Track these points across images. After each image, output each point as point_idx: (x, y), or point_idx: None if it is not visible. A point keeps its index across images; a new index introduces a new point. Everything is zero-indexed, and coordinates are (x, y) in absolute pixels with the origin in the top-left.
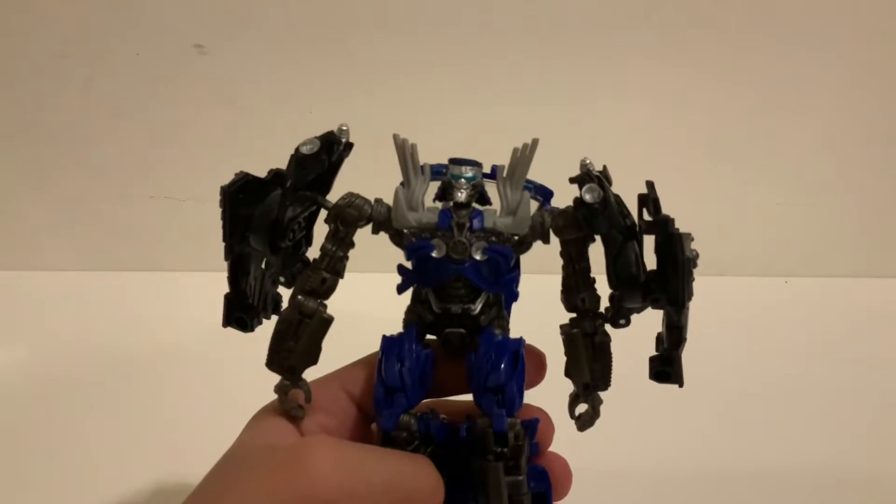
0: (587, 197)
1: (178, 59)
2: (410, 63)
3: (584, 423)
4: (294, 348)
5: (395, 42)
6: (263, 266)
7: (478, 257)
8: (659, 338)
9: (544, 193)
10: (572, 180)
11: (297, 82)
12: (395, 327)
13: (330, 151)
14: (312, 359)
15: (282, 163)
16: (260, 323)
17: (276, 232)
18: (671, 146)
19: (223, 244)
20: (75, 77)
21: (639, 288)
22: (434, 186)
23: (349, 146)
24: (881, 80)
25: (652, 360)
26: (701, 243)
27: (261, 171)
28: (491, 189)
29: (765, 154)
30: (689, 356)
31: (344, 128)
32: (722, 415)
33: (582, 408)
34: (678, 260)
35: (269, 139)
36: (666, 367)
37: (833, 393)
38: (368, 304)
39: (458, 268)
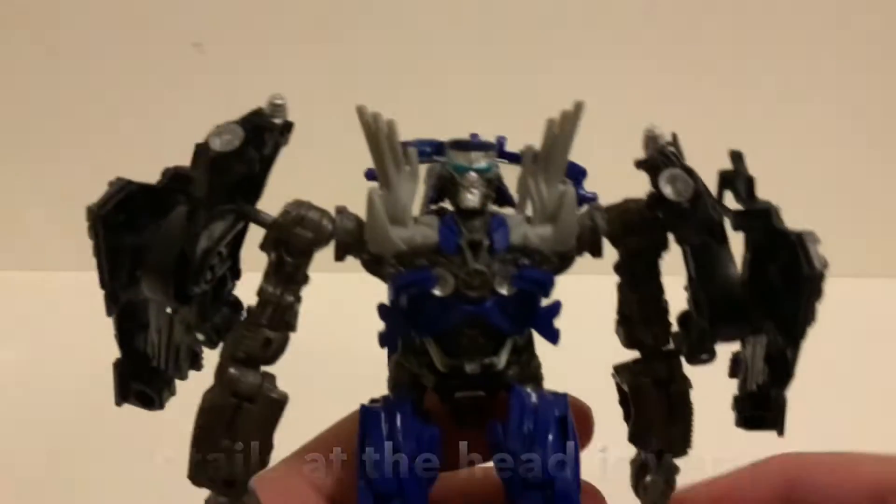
0: (668, 191)
1: (178, 58)
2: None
3: (654, 499)
4: (231, 449)
5: None
6: (169, 310)
7: (504, 292)
8: (736, 364)
9: (574, 172)
10: (641, 164)
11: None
12: None
13: (260, 142)
14: (261, 460)
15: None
16: (172, 393)
17: (183, 272)
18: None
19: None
20: (75, 76)
21: (739, 314)
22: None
23: (287, 128)
24: (881, 78)
25: (739, 400)
26: None
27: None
28: (508, 175)
29: (765, 153)
30: None
31: (278, 101)
32: (725, 413)
33: (653, 482)
34: (801, 275)
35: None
36: (761, 410)
37: (832, 393)
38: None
39: (475, 309)
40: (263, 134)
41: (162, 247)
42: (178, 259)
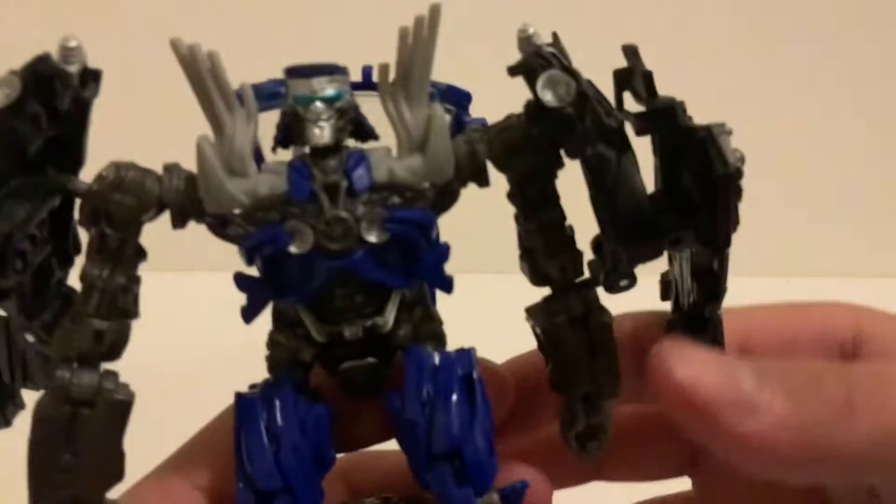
0: (548, 97)
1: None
2: None
3: (591, 449)
4: (75, 465)
5: None
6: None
7: (373, 239)
8: (666, 287)
9: (457, 98)
10: (514, 69)
11: None
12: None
13: (48, 94)
14: (113, 471)
15: None
16: (20, 407)
17: None
18: None
19: None
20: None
21: (650, 229)
22: (269, 123)
23: (93, 78)
24: (881, 76)
25: (673, 325)
26: None
27: None
28: (369, 105)
29: (764, 152)
30: None
31: (71, 43)
32: None
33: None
34: (715, 174)
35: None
36: (699, 332)
37: None
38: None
39: (342, 264)
40: (52, 84)
41: None
42: None
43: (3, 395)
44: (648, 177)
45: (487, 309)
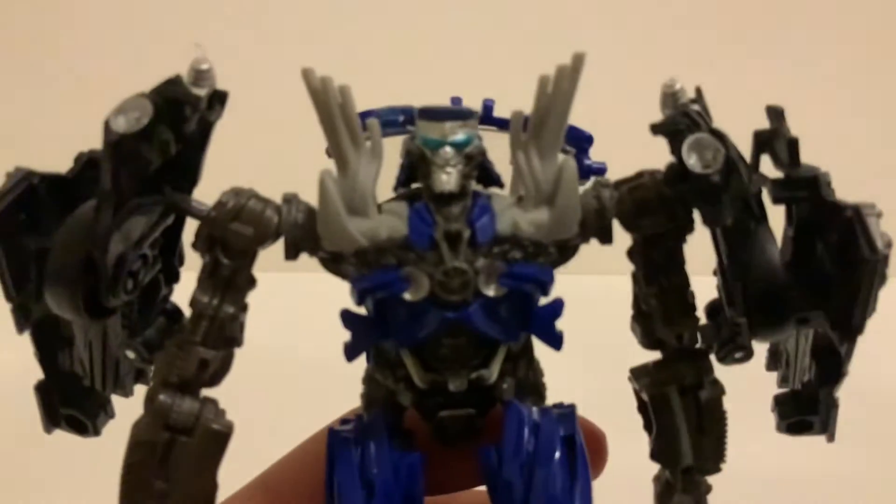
0: (693, 161)
1: (177, 58)
2: None
3: None
4: (166, 492)
5: None
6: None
7: (491, 293)
8: (775, 357)
9: (577, 140)
10: (658, 128)
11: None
12: None
13: (177, 119)
14: (205, 502)
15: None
16: (110, 416)
17: (93, 280)
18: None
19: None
20: (73, 75)
21: (781, 306)
22: (392, 160)
23: (219, 100)
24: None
25: (781, 401)
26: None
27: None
28: (494, 144)
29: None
30: None
31: (202, 66)
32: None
33: (679, 502)
34: (859, 256)
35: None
36: (810, 413)
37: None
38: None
39: (455, 316)
40: (182, 108)
41: (64, 251)
42: (84, 265)
43: (96, 404)
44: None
45: None
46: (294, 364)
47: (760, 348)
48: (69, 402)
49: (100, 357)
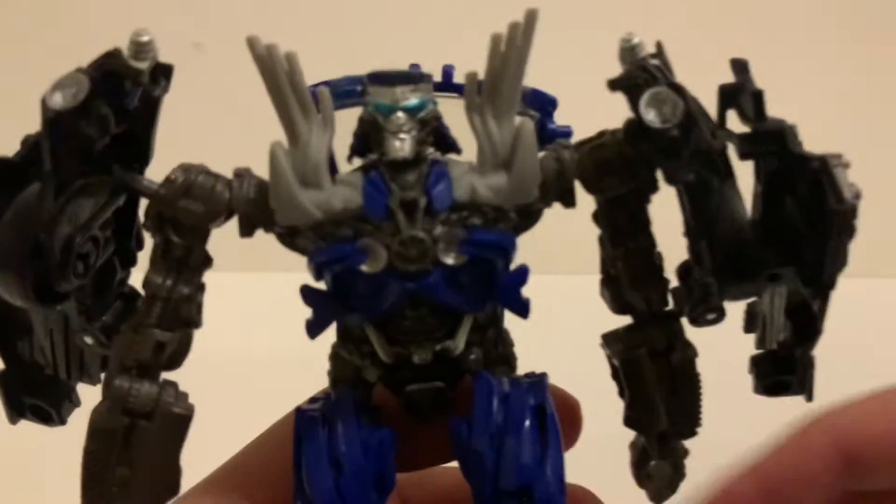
0: (652, 116)
1: (178, 58)
2: None
3: (661, 490)
4: (128, 478)
5: None
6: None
7: (450, 262)
8: (752, 318)
9: (541, 102)
10: (615, 83)
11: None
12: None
13: (116, 94)
14: (168, 486)
15: None
16: (76, 404)
17: (42, 265)
18: None
19: None
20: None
21: (750, 263)
22: (346, 130)
23: (164, 74)
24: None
25: (758, 361)
26: None
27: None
28: (451, 111)
29: None
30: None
31: (142, 38)
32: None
33: (657, 468)
34: (828, 208)
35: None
36: (787, 373)
37: (833, 394)
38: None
39: (415, 286)
40: (121, 82)
41: (9, 235)
42: (31, 249)
43: (60, 392)
44: (747, 203)
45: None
46: (269, 361)
47: (738, 312)
48: (32, 392)
49: (62, 345)
